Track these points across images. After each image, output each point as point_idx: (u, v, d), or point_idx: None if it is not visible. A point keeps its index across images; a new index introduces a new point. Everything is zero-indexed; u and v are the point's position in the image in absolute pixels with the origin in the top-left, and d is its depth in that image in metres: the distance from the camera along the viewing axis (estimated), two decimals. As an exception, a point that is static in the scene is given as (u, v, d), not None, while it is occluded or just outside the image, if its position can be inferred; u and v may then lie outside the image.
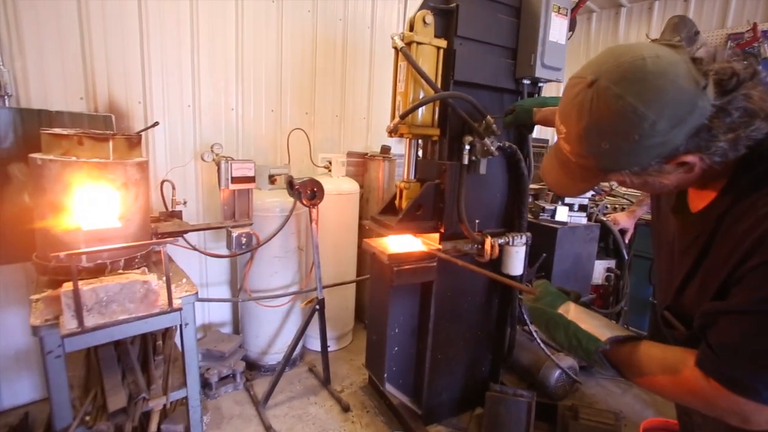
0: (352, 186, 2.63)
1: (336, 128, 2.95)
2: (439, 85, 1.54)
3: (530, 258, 1.86)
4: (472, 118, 1.61)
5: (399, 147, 3.40)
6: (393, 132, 1.55)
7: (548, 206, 1.95)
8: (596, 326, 0.86)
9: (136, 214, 1.53)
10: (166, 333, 1.76)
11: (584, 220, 1.97)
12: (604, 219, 2.08)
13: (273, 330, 2.36)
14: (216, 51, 2.34)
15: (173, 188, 1.96)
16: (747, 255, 0.69)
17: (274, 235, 2.13)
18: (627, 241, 2.14)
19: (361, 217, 2.86)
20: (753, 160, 0.69)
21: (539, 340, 2.00)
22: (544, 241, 1.91)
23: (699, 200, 0.80)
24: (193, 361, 1.47)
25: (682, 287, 0.83)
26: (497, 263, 1.81)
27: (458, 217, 1.67)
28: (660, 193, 0.92)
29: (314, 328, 2.39)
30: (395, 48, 1.52)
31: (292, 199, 2.22)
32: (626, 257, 2.08)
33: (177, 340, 2.05)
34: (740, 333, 0.69)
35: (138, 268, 1.52)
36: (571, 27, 1.64)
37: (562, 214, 1.91)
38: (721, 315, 0.71)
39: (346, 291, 2.69)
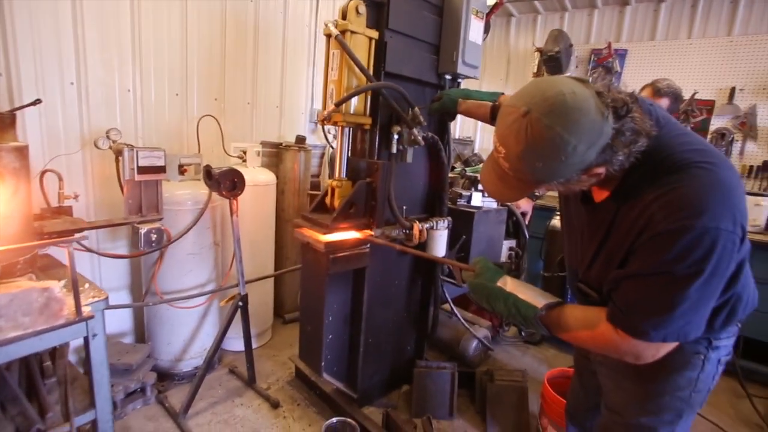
0: (269, 177, 2.55)
1: (248, 116, 2.82)
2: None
3: (450, 240, 2.02)
4: (400, 108, 1.70)
5: (313, 137, 3.38)
6: (326, 120, 1.56)
7: (465, 192, 2.16)
8: (531, 296, 1.04)
9: (16, 210, 1.29)
10: (56, 352, 1.53)
11: (495, 205, 2.22)
12: (508, 203, 2.39)
13: (188, 333, 2.20)
14: (107, 25, 2.04)
15: (60, 180, 1.68)
16: (640, 232, 0.90)
17: (189, 229, 1.99)
18: (527, 223, 2.49)
19: (279, 209, 2.80)
20: (637, 164, 0.90)
21: (458, 315, 2.22)
22: (461, 224, 2.08)
23: (600, 194, 1.02)
24: (104, 378, 1.31)
25: (590, 263, 1.05)
26: (422, 246, 1.92)
27: (392, 213, 1.75)
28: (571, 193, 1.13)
29: (233, 327, 2.28)
30: (328, 35, 1.52)
31: (204, 191, 2.09)
32: (527, 237, 2.42)
33: (71, 357, 1.78)
34: (636, 290, 0.90)
35: (21, 275, 1.30)
36: (486, 29, 1.83)
37: (476, 199, 2.13)
38: (623, 279, 0.93)
39: (265, 286, 2.63)
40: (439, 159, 1.98)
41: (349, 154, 1.74)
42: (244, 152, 2.51)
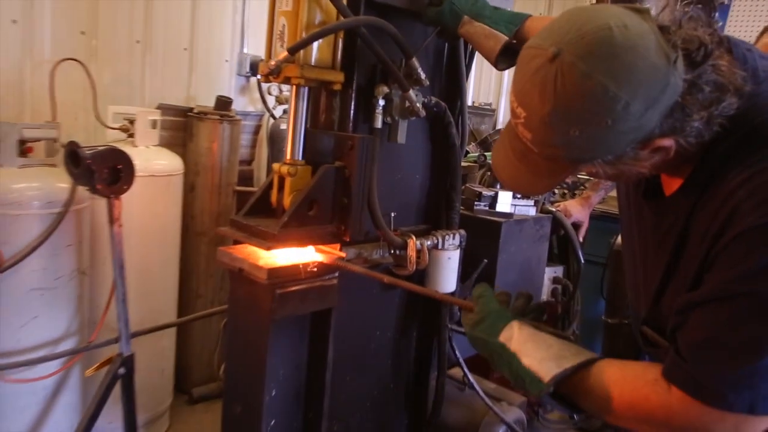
0: (172, 163, 2.57)
1: (137, 63, 2.83)
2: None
3: (464, 267, 2.03)
4: (389, 59, 1.71)
5: (243, 100, 3.38)
6: (273, 74, 1.55)
7: (486, 192, 2.19)
8: (541, 359, 1.05)
9: None
10: None
11: (532, 211, 2.27)
12: (553, 209, 2.44)
13: (29, 422, 2.15)
14: None
15: None
16: (719, 234, 0.91)
17: (35, 248, 1.98)
18: (581, 240, 2.55)
19: (186, 216, 2.78)
20: (723, 134, 0.92)
21: (476, 386, 2.23)
22: (481, 241, 2.10)
23: (671, 183, 1.05)
24: None
25: (659, 291, 1.06)
26: (419, 276, 1.93)
27: (374, 222, 1.75)
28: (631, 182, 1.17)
29: (107, 411, 2.22)
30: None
31: (64, 185, 2.09)
32: (581, 262, 2.47)
33: None
34: (708, 324, 0.91)
35: None
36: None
37: (504, 202, 2.16)
38: (692, 309, 0.94)
39: (161, 342, 2.64)
40: (446, 139, 1.99)
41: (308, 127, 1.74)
42: (131, 122, 2.52)
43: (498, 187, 2.29)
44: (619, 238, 3.17)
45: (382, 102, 1.75)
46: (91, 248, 2.30)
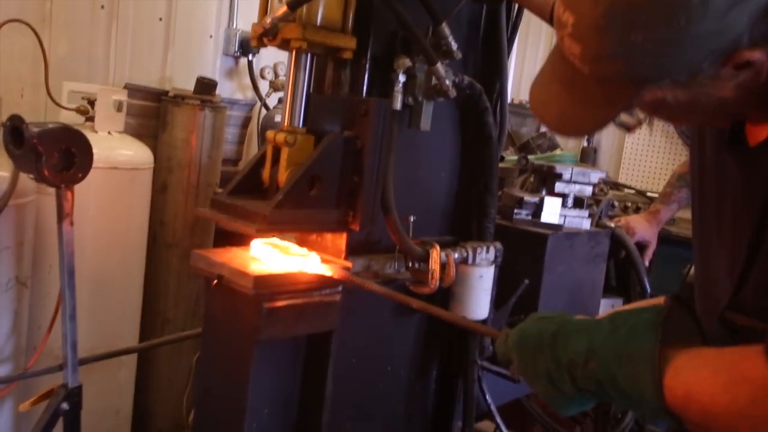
0: (139, 154, 2.59)
1: (101, 32, 2.86)
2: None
3: (498, 288, 2.04)
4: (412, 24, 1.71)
5: (229, 87, 3.40)
6: (269, 35, 1.57)
7: (529, 198, 2.18)
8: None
9: None
10: None
11: (587, 224, 2.25)
12: (612, 224, 2.41)
13: None
14: None
15: None
16: None
17: None
18: (648, 264, 2.50)
19: (155, 223, 2.78)
20: None
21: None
22: (520, 258, 2.09)
23: (761, 132, 1.01)
24: None
25: (746, 268, 1.02)
26: (443, 297, 1.93)
27: (389, 226, 1.75)
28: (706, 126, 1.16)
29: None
30: None
31: (6, 173, 2.09)
32: (648, 291, 2.43)
33: None
34: None
35: None
36: None
37: (551, 211, 2.14)
38: None
39: (118, 374, 2.64)
40: (481, 129, 2.01)
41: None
42: (91, 102, 2.54)
43: (543, 192, 2.26)
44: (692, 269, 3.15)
45: (402, 78, 1.77)
46: (34, 253, 2.29)
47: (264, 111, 3.43)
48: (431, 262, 1.82)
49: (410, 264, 1.85)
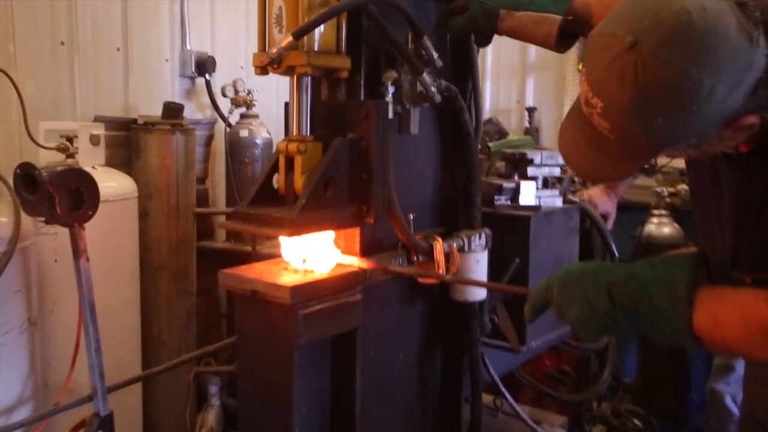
0: (124, 185, 2.64)
1: (63, 69, 2.88)
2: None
3: (490, 269, 2.14)
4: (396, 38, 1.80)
5: (189, 107, 3.45)
6: (273, 64, 1.66)
7: (507, 184, 2.32)
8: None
9: None
10: None
11: (559, 201, 2.41)
12: (576, 199, 2.59)
13: None
14: None
15: None
16: None
17: None
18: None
19: (140, 249, 2.83)
20: None
21: (516, 407, 2.36)
22: (506, 240, 2.20)
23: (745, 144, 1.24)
24: None
25: (747, 247, 1.29)
26: (441, 282, 2.02)
27: (392, 221, 1.85)
28: None
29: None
30: None
31: (7, 219, 2.12)
32: (616, 256, 2.64)
33: None
34: None
35: None
36: None
37: (528, 194, 2.30)
38: None
39: (129, 399, 2.67)
40: (459, 126, 2.11)
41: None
42: (70, 139, 2.56)
43: (515, 177, 2.42)
44: (648, 228, 3.41)
45: (391, 89, 1.86)
46: (40, 293, 2.32)
47: (226, 128, 3.47)
48: (436, 254, 1.91)
49: (415, 258, 1.94)
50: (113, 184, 2.54)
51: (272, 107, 3.81)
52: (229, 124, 3.48)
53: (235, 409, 3.27)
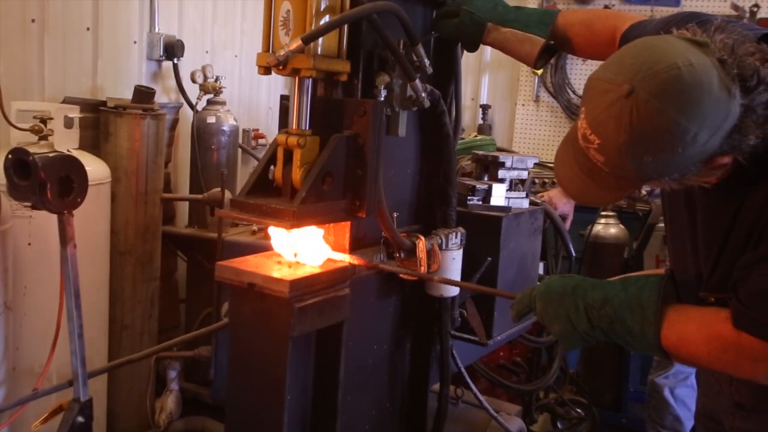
0: (99, 169, 2.67)
1: (33, 48, 2.83)
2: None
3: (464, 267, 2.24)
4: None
5: (156, 87, 3.41)
6: (280, 65, 1.71)
7: (480, 186, 2.43)
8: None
9: None
10: None
11: (525, 203, 2.52)
12: (539, 200, 2.74)
13: None
14: None
15: None
16: None
17: None
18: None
19: (114, 232, 2.83)
20: None
21: (479, 396, 2.49)
22: (479, 239, 2.30)
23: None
24: None
25: (713, 269, 1.47)
26: (418, 279, 2.11)
27: (379, 220, 1.93)
28: None
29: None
30: None
31: None
32: (573, 255, 2.81)
33: None
34: (766, 279, 1.29)
35: None
36: None
37: (499, 195, 2.41)
38: (753, 266, 1.32)
39: (95, 385, 2.59)
40: (440, 129, 2.21)
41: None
42: (44, 121, 2.53)
43: (485, 177, 2.53)
44: (596, 228, 3.61)
45: (384, 92, 1.93)
46: (15, 277, 2.29)
47: (193, 114, 3.45)
48: (418, 251, 2.00)
49: (397, 255, 2.03)
50: (89, 168, 2.50)
51: (234, 92, 3.82)
52: (194, 109, 3.46)
53: (193, 394, 3.35)
